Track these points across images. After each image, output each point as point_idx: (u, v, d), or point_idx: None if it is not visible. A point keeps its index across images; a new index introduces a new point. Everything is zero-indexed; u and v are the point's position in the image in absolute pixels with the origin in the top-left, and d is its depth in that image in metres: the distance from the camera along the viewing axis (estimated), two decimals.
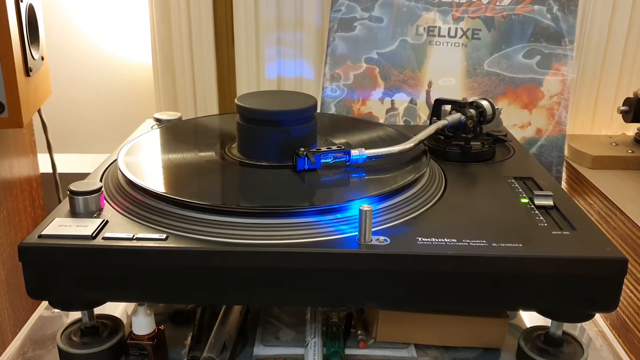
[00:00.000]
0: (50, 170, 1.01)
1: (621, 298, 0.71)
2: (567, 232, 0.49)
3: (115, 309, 0.58)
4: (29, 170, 0.96)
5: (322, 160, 0.56)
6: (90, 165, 1.07)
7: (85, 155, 1.18)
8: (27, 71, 0.75)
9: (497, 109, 0.67)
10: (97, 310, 0.51)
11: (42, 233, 0.46)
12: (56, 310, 0.59)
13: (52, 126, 1.01)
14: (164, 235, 0.46)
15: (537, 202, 0.53)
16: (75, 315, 0.55)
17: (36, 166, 1.00)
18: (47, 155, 1.00)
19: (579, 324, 0.59)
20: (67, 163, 1.10)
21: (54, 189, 1.02)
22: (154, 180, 0.55)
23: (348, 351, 0.53)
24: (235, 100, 0.59)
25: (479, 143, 0.65)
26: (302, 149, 0.56)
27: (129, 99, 1.18)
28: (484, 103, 0.66)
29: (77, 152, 1.20)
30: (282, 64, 1.09)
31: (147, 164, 0.59)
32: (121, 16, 1.14)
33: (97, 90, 1.17)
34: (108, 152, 0.68)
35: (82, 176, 0.56)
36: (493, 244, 0.46)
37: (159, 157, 0.61)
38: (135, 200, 0.52)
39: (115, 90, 1.17)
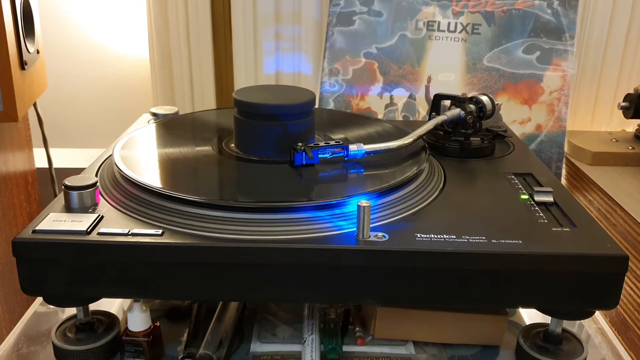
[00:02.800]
0: (46, 165, 1.00)
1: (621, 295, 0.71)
2: (567, 229, 0.48)
3: (110, 305, 0.57)
4: (25, 165, 0.95)
5: (320, 156, 0.56)
6: (86, 159, 1.07)
7: (81, 149, 1.17)
8: (22, 65, 0.74)
9: (497, 104, 0.67)
10: (93, 307, 0.51)
11: (37, 228, 0.46)
12: (51, 306, 0.59)
13: (48, 120, 1.01)
14: (160, 231, 0.46)
15: (537, 198, 0.53)
16: (70, 311, 0.54)
17: (32, 161, 0.99)
18: (43, 149, 0.99)
19: (578, 321, 0.59)
20: (63, 157, 1.09)
21: (50, 184, 1.01)
22: (150, 175, 0.54)
23: (346, 348, 0.53)
24: (233, 95, 0.59)
25: (479, 139, 0.65)
26: (300, 144, 0.56)
27: (125, 93, 1.17)
28: (484, 98, 0.66)
29: (73, 146, 1.19)
30: (280, 58, 1.08)
31: (143, 159, 0.59)
32: (118, 10, 1.13)
33: (93, 84, 1.17)
34: (104, 146, 0.67)
35: (78, 171, 0.56)
36: (492, 241, 0.46)
37: (155, 151, 0.61)
38: (131, 195, 0.51)
39: (111, 85, 1.17)
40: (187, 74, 1.08)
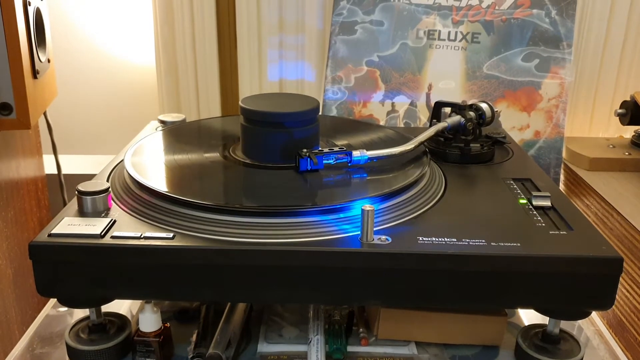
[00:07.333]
0: (55, 171, 1.02)
1: (617, 297, 0.72)
2: (564, 232, 0.49)
3: (120, 306, 0.58)
4: (35, 171, 0.97)
5: (325, 161, 0.57)
6: (94, 166, 1.08)
7: (90, 156, 1.19)
8: (35, 73, 0.76)
9: (496, 111, 0.68)
10: (104, 308, 0.52)
11: (52, 232, 0.47)
12: (62, 308, 0.60)
13: (57, 127, 1.02)
14: (171, 234, 0.47)
15: (535, 202, 0.54)
16: (81, 313, 0.56)
17: (42, 167, 1.01)
18: (52, 156, 1.01)
19: (576, 323, 0.60)
20: (71, 164, 1.11)
21: (59, 190, 1.03)
22: (161, 181, 0.56)
23: (350, 348, 0.54)
24: (240, 103, 0.60)
25: (479, 145, 0.66)
26: (305, 150, 0.57)
27: (132, 100, 1.19)
28: (484, 106, 0.67)
29: (81, 153, 1.21)
30: (284, 67, 1.10)
31: (153, 165, 0.60)
32: (125, 19, 1.15)
33: (101, 92, 1.18)
34: (112, 153, 0.69)
35: (87, 177, 0.57)
36: (492, 244, 0.47)
37: (165, 158, 0.62)
38: (142, 200, 0.53)
39: (119, 92, 1.18)
40: (193, 82, 1.10)
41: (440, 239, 0.47)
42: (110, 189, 0.52)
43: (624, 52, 1.08)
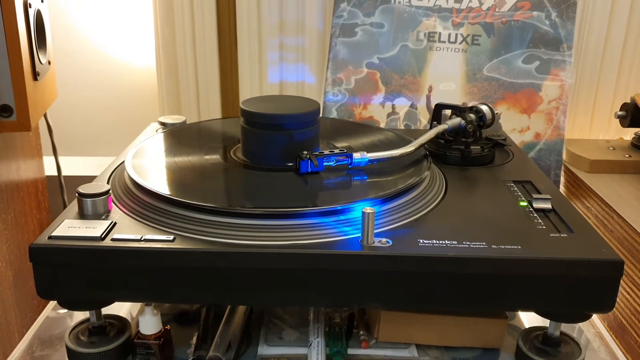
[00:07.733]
0: (55, 173, 1.02)
1: (618, 300, 0.72)
2: (564, 235, 0.49)
3: (120, 309, 0.58)
4: (35, 173, 0.97)
5: (325, 163, 0.57)
6: (94, 167, 1.08)
7: (90, 158, 1.19)
8: (35, 75, 0.76)
9: (497, 113, 0.68)
10: (104, 311, 0.52)
11: (52, 234, 0.47)
12: (62, 311, 0.60)
13: (57, 129, 1.02)
14: (171, 237, 0.47)
15: (536, 205, 0.54)
16: (81, 316, 0.56)
17: (42, 169, 1.01)
18: (52, 158, 1.01)
19: (577, 326, 0.60)
20: (71, 166, 1.11)
21: (59, 192, 1.03)
22: (161, 183, 0.56)
23: (350, 351, 0.54)
24: (240, 105, 0.61)
25: (479, 147, 0.66)
26: (306, 152, 0.57)
27: (133, 102, 1.19)
28: (484, 108, 0.67)
29: (80, 154, 1.21)
30: (284, 69, 1.10)
31: (154, 167, 0.60)
32: (125, 21, 1.15)
33: (101, 94, 1.19)
34: (112, 154, 0.69)
35: (87, 179, 0.57)
36: (492, 246, 0.47)
37: (165, 160, 0.62)
38: (142, 202, 0.53)
39: (119, 94, 1.19)
40: (193, 84, 1.10)
41: (440, 242, 0.47)
42: (110, 191, 0.52)
43: (624, 54, 1.08)
